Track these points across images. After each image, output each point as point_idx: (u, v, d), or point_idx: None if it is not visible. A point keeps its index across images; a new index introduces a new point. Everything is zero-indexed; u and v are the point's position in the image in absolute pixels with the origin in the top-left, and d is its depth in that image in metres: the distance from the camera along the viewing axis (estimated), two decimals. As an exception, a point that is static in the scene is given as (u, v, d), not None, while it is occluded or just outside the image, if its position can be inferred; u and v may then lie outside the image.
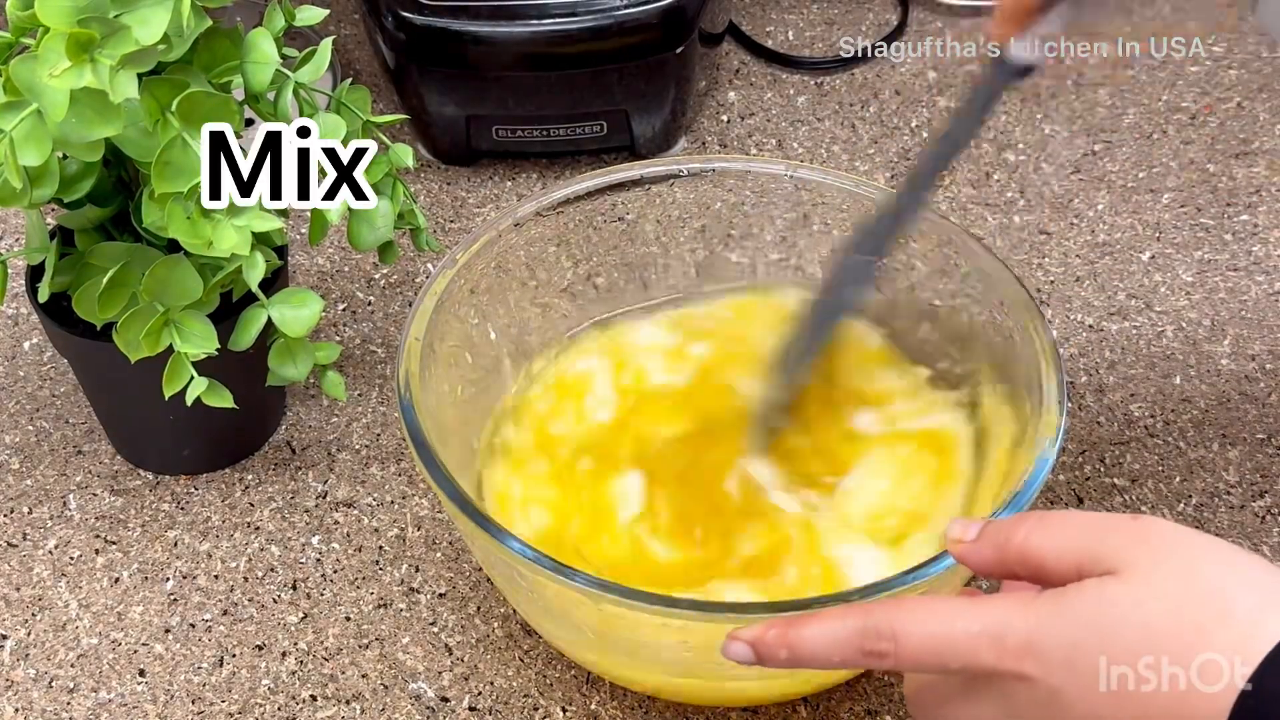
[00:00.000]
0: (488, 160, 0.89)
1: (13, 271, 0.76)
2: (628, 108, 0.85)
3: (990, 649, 0.44)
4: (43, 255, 0.64)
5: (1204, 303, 0.80)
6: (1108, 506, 0.70)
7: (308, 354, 0.65)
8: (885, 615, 0.46)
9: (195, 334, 0.61)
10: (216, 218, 0.58)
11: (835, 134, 0.91)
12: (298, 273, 0.82)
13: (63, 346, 0.69)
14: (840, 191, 0.67)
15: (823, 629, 0.47)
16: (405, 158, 0.66)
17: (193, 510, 0.71)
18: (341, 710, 0.63)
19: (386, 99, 0.92)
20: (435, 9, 0.81)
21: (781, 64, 0.96)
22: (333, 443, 0.73)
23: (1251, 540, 0.69)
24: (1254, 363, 0.77)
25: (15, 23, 0.56)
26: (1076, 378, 0.76)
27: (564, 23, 0.81)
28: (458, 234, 0.85)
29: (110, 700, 0.63)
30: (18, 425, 0.74)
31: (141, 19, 0.53)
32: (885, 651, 0.46)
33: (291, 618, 0.66)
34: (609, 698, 0.63)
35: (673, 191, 0.69)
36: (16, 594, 0.67)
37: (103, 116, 0.55)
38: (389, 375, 0.77)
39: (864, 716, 0.63)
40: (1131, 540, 0.44)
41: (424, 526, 0.70)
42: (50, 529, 0.70)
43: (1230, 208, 0.86)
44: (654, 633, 0.54)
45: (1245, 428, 0.74)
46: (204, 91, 0.57)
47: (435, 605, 0.67)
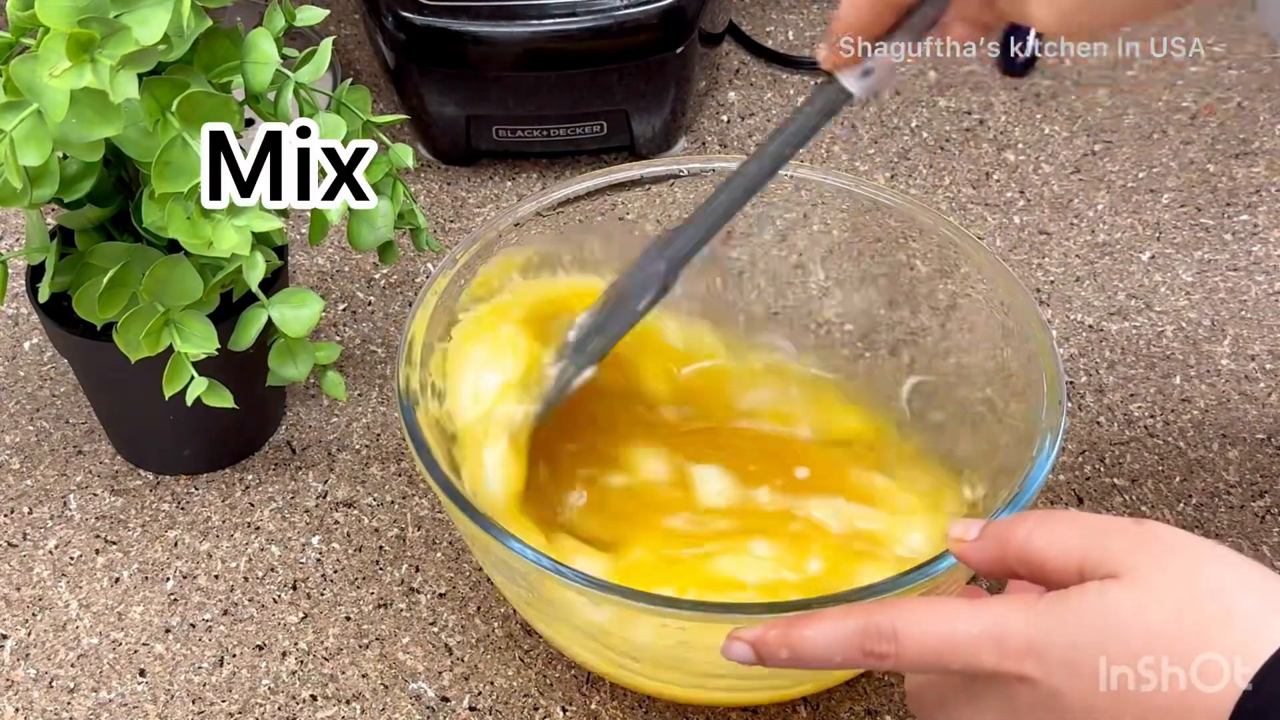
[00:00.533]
0: (488, 160, 0.89)
1: (13, 271, 0.76)
2: (628, 108, 0.85)
3: (991, 650, 0.44)
4: (43, 255, 0.64)
5: (1204, 303, 0.80)
6: (1108, 506, 0.70)
7: (308, 354, 0.65)
8: (886, 616, 0.46)
9: (195, 334, 0.61)
10: (216, 218, 0.58)
11: (835, 134, 0.91)
12: (298, 273, 0.82)
13: (63, 346, 0.69)
14: (840, 191, 0.67)
15: (824, 629, 0.47)
16: (405, 158, 0.66)
17: (193, 510, 0.71)
18: (341, 710, 0.63)
19: (386, 99, 0.92)
20: (435, 9, 0.81)
21: (781, 64, 0.96)
22: (333, 443, 0.73)
23: (1251, 540, 0.69)
24: (1254, 363, 0.77)
25: (15, 23, 0.56)
26: (1076, 378, 0.76)
27: (564, 23, 0.81)
28: (458, 234, 0.85)
29: (110, 700, 0.63)
30: (18, 425, 0.74)
31: (141, 19, 0.54)
32: (886, 652, 0.46)
33: (292, 618, 0.66)
34: (609, 698, 0.63)
35: (673, 191, 0.69)
36: (17, 594, 0.67)
37: (103, 116, 0.55)
38: (389, 375, 0.77)
39: (864, 716, 0.63)
40: (1134, 544, 0.44)
41: (424, 526, 0.70)
42: (50, 529, 0.70)
43: (1230, 208, 0.86)
44: (654, 633, 0.54)
45: (1245, 428, 0.74)
46: (204, 91, 0.57)
47: (435, 605, 0.67)
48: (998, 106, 0.92)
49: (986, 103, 0.92)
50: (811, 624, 0.47)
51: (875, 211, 0.67)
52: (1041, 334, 0.60)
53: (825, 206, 0.68)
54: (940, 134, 0.90)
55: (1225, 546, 0.44)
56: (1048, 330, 0.60)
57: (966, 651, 0.44)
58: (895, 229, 0.67)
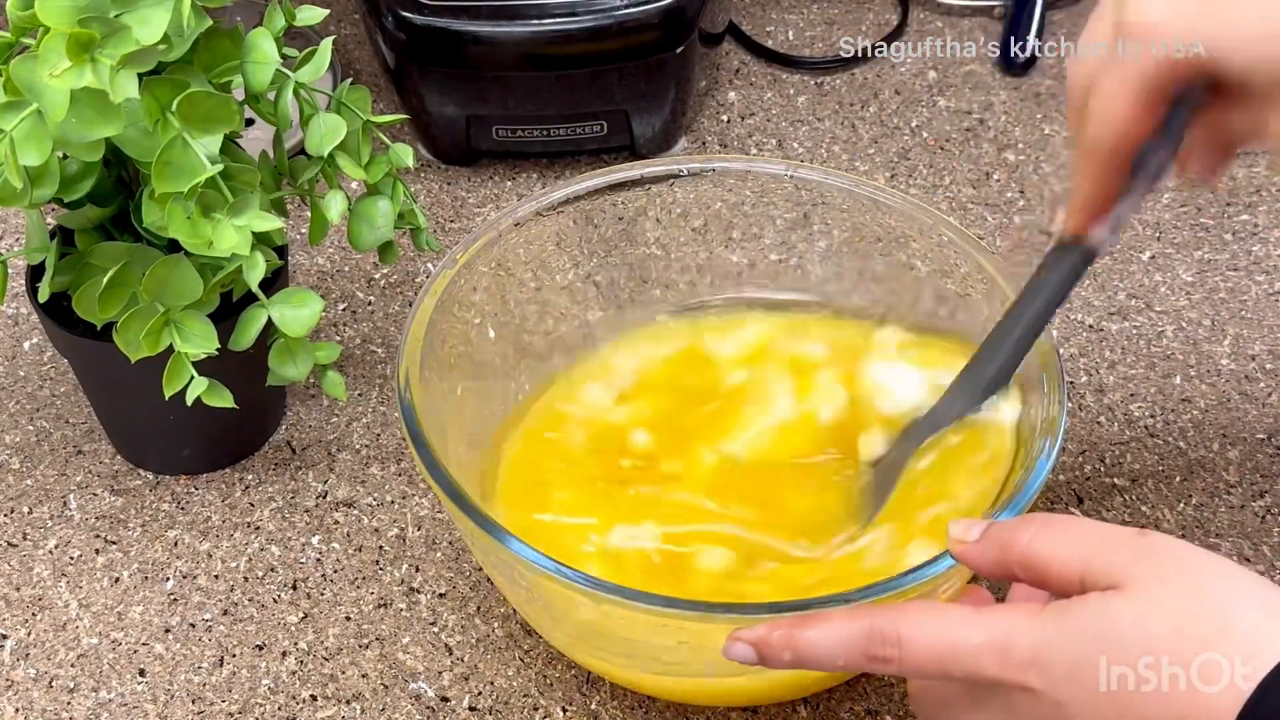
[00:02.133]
0: (488, 160, 0.89)
1: (13, 271, 0.76)
2: (628, 108, 0.85)
3: (994, 659, 0.44)
4: (43, 255, 0.64)
5: (1204, 303, 0.80)
6: (1107, 506, 0.70)
7: (308, 354, 0.65)
8: (891, 620, 0.46)
9: (195, 334, 0.61)
10: (216, 218, 0.58)
11: (835, 134, 0.91)
12: (298, 273, 0.82)
13: (63, 346, 0.69)
14: (840, 191, 0.67)
15: (828, 632, 0.47)
16: (405, 158, 0.66)
17: (193, 510, 0.71)
18: (341, 710, 0.63)
19: (386, 99, 0.92)
20: (435, 9, 0.81)
21: (781, 64, 0.96)
22: (333, 443, 0.73)
23: (1251, 540, 0.69)
24: (1254, 363, 0.77)
25: (15, 23, 0.56)
26: (1076, 378, 0.76)
27: (564, 23, 0.81)
28: (458, 234, 0.85)
29: (110, 700, 0.63)
30: (18, 425, 0.74)
31: (141, 19, 0.54)
32: (890, 657, 0.46)
33: (291, 618, 0.66)
34: (609, 698, 0.63)
35: (673, 191, 0.69)
36: (16, 594, 0.67)
37: (103, 116, 0.55)
38: (389, 375, 0.77)
39: (864, 716, 0.63)
40: (1137, 555, 0.44)
41: (424, 526, 0.70)
42: (50, 529, 0.70)
43: (1230, 208, 0.86)
44: (654, 633, 0.54)
45: (1245, 428, 0.74)
46: (204, 91, 0.57)
47: (435, 605, 0.67)
48: (998, 106, 0.92)
49: (986, 103, 0.92)
50: (816, 626, 0.47)
51: (875, 211, 0.67)
52: (1041, 334, 0.60)
53: (825, 206, 0.68)
54: (940, 134, 0.90)
55: (1228, 559, 0.44)
56: (1048, 330, 0.60)
57: (970, 660, 0.44)
58: (895, 229, 0.67)
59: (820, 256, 0.69)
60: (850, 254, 0.69)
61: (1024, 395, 0.60)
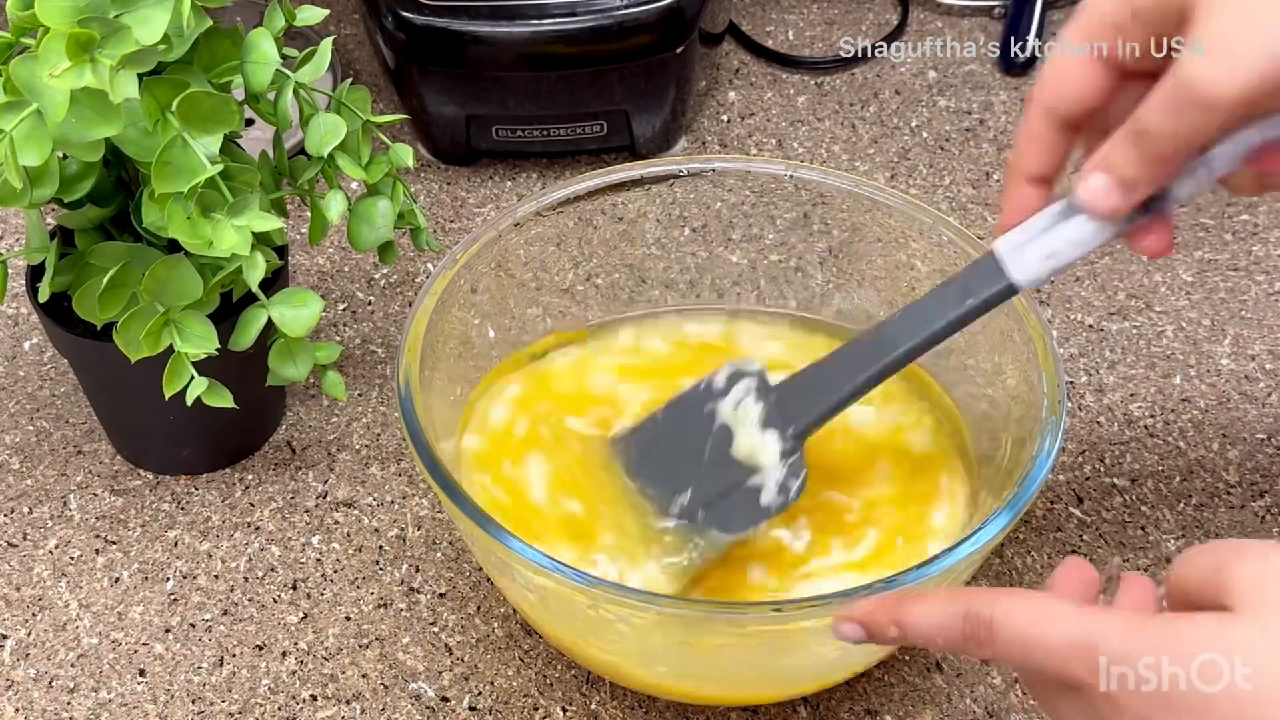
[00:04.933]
0: (488, 160, 0.89)
1: (13, 271, 0.76)
2: (628, 108, 0.85)
3: (1082, 662, 0.43)
4: (43, 255, 0.64)
5: (1204, 303, 0.80)
6: (1107, 506, 0.70)
7: (308, 354, 0.65)
8: (986, 604, 0.45)
9: (195, 334, 0.61)
10: (216, 218, 0.58)
11: (835, 134, 0.91)
12: (298, 273, 0.82)
13: (63, 346, 0.69)
14: (840, 191, 0.67)
15: (931, 610, 0.47)
16: (405, 158, 0.66)
17: (193, 510, 0.71)
18: (341, 710, 0.63)
19: (386, 99, 0.92)
20: (435, 9, 0.81)
21: (781, 64, 0.96)
22: (333, 443, 0.73)
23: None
24: (1254, 363, 0.77)
25: (15, 23, 0.56)
26: (1076, 378, 0.76)
27: (564, 23, 0.81)
28: (458, 234, 0.85)
29: (110, 700, 0.63)
30: (18, 425, 0.74)
31: (141, 19, 0.54)
32: (983, 640, 0.45)
33: (291, 618, 0.66)
34: (609, 698, 0.63)
35: (673, 191, 0.69)
36: (16, 594, 0.67)
37: (103, 116, 0.55)
38: (389, 375, 0.77)
39: (864, 716, 0.63)
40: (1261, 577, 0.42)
41: (424, 526, 0.70)
42: (50, 529, 0.70)
43: (1230, 208, 0.86)
44: (654, 631, 0.54)
45: (1245, 428, 0.74)
46: (204, 91, 0.57)
47: (435, 605, 0.67)
48: (998, 106, 0.92)
49: (986, 103, 0.93)
50: (921, 604, 0.48)
51: (875, 211, 0.67)
52: (1041, 334, 0.60)
53: (825, 206, 0.68)
54: (940, 134, 0.90)
55: None
56: (1048, 330, 0.60)
57: (1058, 657, 0.44)
58: (895, 229, 0.67)
59: (820, 257, 0.69)
60: (850, 254, 0.69)
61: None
